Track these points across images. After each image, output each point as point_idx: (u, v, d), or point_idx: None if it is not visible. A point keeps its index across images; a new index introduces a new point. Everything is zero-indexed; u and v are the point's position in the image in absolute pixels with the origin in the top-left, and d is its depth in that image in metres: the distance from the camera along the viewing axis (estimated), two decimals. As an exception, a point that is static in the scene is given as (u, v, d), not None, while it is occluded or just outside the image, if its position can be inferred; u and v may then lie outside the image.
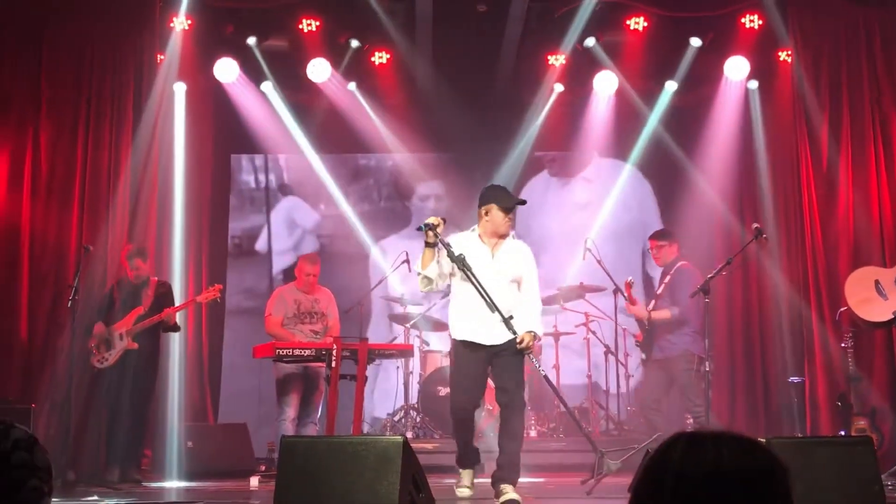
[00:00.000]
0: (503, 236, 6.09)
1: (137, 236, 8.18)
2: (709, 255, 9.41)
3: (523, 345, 5.90)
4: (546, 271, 10.40)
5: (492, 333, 5.94)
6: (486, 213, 6.06)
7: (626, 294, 7.72)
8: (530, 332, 5.97)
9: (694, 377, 7.30)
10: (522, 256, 6.19)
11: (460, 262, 5.85)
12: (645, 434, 8.90)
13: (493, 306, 5.78)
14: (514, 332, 5.85)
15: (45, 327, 8.07)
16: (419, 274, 5.98)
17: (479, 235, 6.06)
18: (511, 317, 5.87)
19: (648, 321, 7.60)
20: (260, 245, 11.04)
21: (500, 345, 5.96)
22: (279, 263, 10.99)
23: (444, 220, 5.95)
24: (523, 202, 6.21)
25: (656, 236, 7.93)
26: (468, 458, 6.15)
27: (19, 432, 2.03)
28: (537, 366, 6.18)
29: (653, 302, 7.77)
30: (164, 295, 7.96)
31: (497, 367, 6.03)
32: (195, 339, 9.54)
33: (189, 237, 9.42)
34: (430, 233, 5.83)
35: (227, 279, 10.63)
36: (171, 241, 9.03)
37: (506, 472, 5.92)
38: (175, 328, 8.02)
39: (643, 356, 7.80)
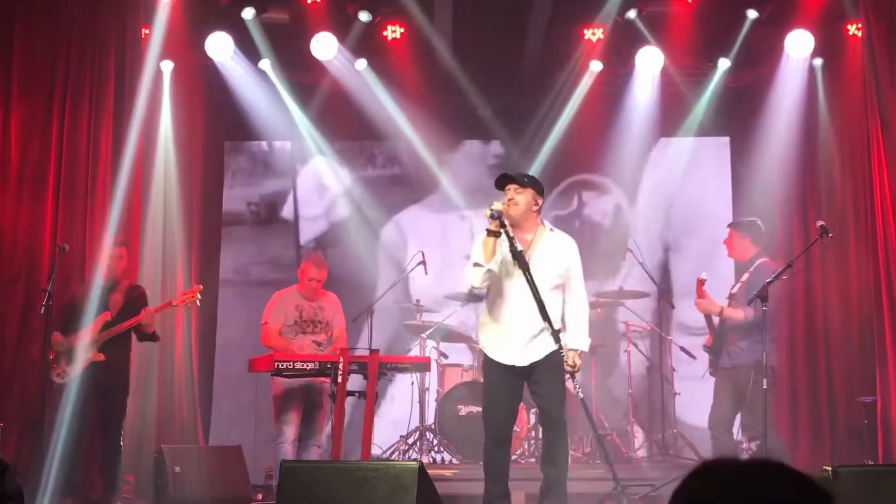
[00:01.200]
0: (517, 222, 6.00)
1: (119, 234, 8.18)
2: (770, 255, 9.34)
3: (574, 369, 5.94)
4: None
5: (530, 351, 5.93)
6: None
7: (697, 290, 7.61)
8: (577, 350, 5.97)
9: (762, 392, 7.24)
10: (566, 254, 6.10)
11: (521, 260, 5.81)
12: (695, 459, 8.91)
13: (546, 317, 5.76)
14: (561, 349, 5.86)
15: (15, 336, 8.07)
16: (478, 265, 5.88)
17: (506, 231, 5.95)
18: (559, 330, 5.85)
19: (720, 319, 7.51)
20: (286, 212, 11.06)
21: (539, 360, 5.94)
22: (308, 231, 11.00)
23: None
24: (505, 176, 6.09)
25: (739, 226, 7.84)
26: (498, 493, 6.04)
27: (11, 484, 2.04)
28: (577, 390, 6.14)
29: (726, 301, 7.67)
30: (136, 299, 7.84)
31: (536, 385, 6.02)
32: (184, 348, 9.50)
33: (178, 233, 9.39)
34: (498, 220, 5.79)
35: (219, 277, 10.65)
36: (156, 237, 9.02)
37: (552, 499, 5.96)
38: (153, 337, 7.91)
39: (710, 368, 7.72)
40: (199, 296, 7.88)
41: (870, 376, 8.55)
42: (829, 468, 4.60)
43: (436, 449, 9.08)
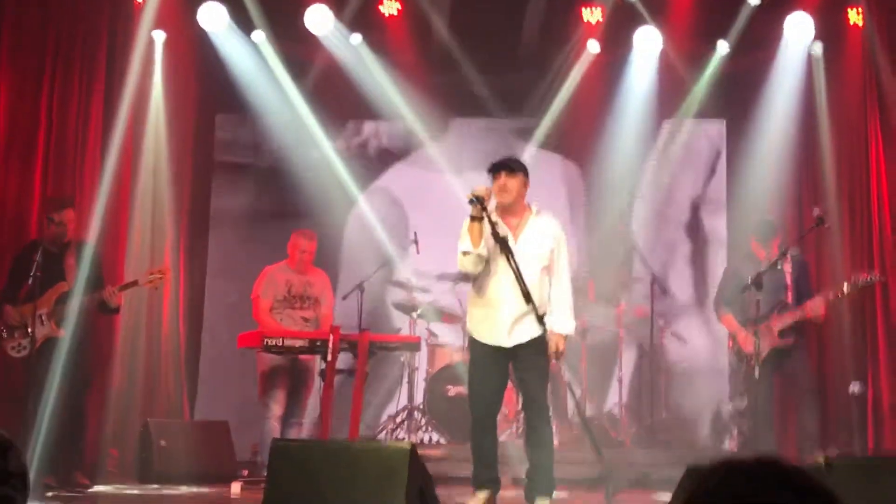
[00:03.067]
0: (509, 209, 6.05)
1: (109, 202, 8.14)
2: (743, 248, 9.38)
3: (557, 353, 5.99)
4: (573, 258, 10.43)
5: (515, 333, 5.98)
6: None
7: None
8: (561, 334, 6.02)
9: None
10: (552, 237, 6.15)
11: (503, 244, 5.85)
12: (683, 447, 8.98)
13: (529, 300, 5.79)
14: (545, 334, 5.90)
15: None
16: (467, 253, 5.92)
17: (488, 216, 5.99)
18: (544, 314, 5.89)
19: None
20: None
21: (523, 343, 5.98)
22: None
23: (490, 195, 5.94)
24: (500, 163, 6.12)
25: (773, 234, 7.78)
26: (487, 477, 6.09)
27: (14, 462, 2.02)
28: (564, 373, 6.19)
29: (779, 308, 7.59)
30: (91, 263, 7.53)
31: (520, 369, 6.10)
32: (171, 320, 9.47)
33: (167, 205, 9.35)
34: (479, 206, 5.83)
35: (208, 251, 10.61)
36: (145, 208, 8.99)
37: (539, 483, 6.01)
38: (116, 310, 7.67)
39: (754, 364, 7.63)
40: (164, 276, 7.71)
41: (861, 366, 8.60)
42: (823, 459, 4.62)
43: (424, 429, 9.11)
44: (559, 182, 10.86)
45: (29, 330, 7.22)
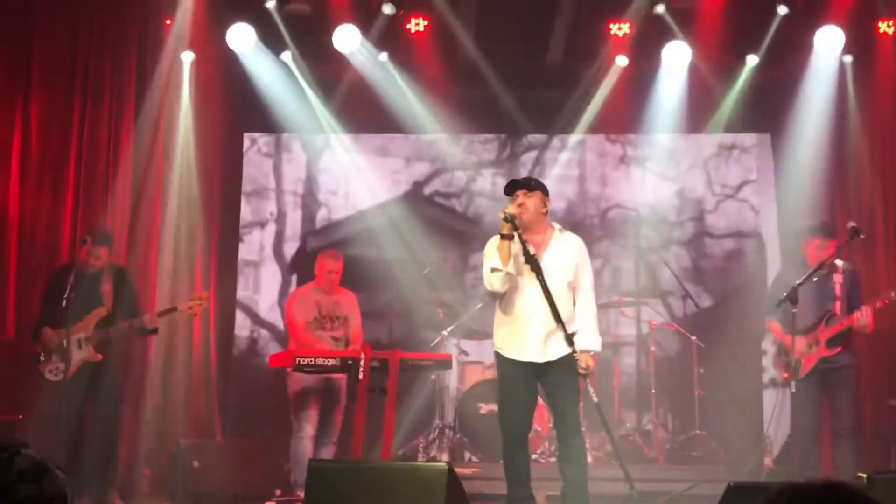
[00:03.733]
0: (528, 227, 6.04)
1: (141, 226, 8.19)
2: (795, 257, 9.31)
3: (587, 371, 5.98)
4: (615, 277, 10.42)
5: (545, 351, 5.99)
6: None
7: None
8: (589, 351, 6.04)
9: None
10: (576, 254, 6.18)
11: (534, 262, 5.89)
12: (718, 464, 8.91)
13: (559, 319, 5.82)
14: (574, 352, 5.90)
15: (28, 332, 8.09)
16: (496, 270, 5.94)
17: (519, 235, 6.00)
18: (574, 333, 5.90)
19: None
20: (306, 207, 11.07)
21: (554, 360, 6.00)
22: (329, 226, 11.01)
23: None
24: (514, 182, 6.16)
25: (831, 234, 7.66)
26: (521, 495, 6.07)
27: (26, 461, 2.01)
28: (592, 394, 6.14)
29: (827, 318, 7.46)
30: (126, 287, 7.66)
31: (550, 385, 6.11)
32: (202, 341, 9.51)
33: (197, 223, 9.39)
34: (511, 224, 5.85)
35: (237, 270, 10.68)
36: (175, 230, 9.03)
37: (574, 499, 6.00)
38: (154, 331, 7.78)
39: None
40: (203, 303, 7.77)
41: (897, 380, 8.53)
42: (864, 475, 4.58)
43: (456, 447, 9.08)
44: (601, 202, 10.85)
45: (68, 355, 7.27)
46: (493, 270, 5.96)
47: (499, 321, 6.20)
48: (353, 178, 10.83)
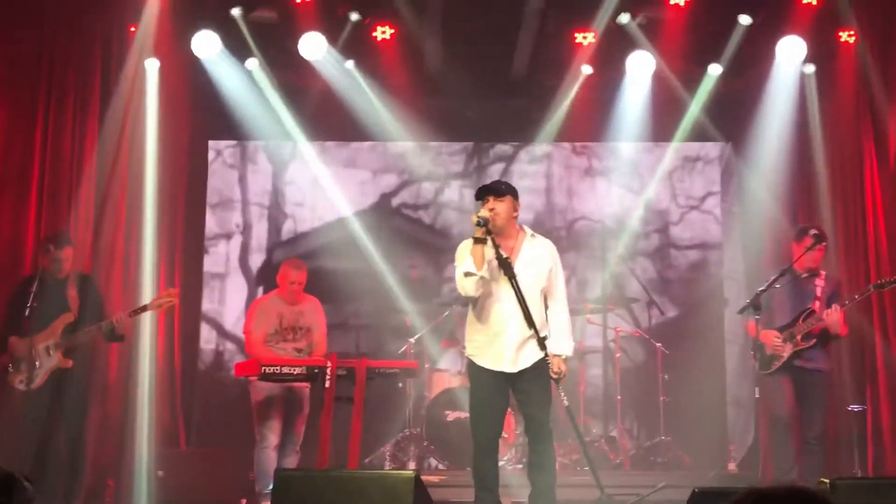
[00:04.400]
0: (501, 231, 6.05)
1: (104, 235, 8.14)
2: (757, 264, 9.41)
3: (560, 376, 6.02)
4: (582, 289, 10.48)
5: (520, 358, 6.01)
6: None
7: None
8: (561, 356, 6.07)
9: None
10: (548, 259, 6.19)
11: (507, 267, 5.90)
12: (683, 469, 8.97)
13: (532, 325, 5.86)
14: (547, 356, 5.95)
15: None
16: (469, 274, 5.93)
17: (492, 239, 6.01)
18: (545, 337, 5.93)
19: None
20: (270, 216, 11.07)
21: (527, 367, 6.03)
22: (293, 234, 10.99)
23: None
24: (485, 188, 6.17)
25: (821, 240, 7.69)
26: (490, 501, 6.08)
27: None
28: (563, 397, 6.18)
29: (806, 315, 7.52)
30: (92, 293, 7.64)
31: (522, 392, 6.11)
32: (167, 349, 9.45)
33: (161, 233, 9.34)
34: (484, 228, 5.87)
35: (202, 280, 10.64)
36: (140, 238, 8.97)
37: None
38: (121, 337, 7.74)
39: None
40: (173, 299, 7.73)
41: (860, 386, 8.61)
42: (827, 481, 4.63)
43: (423, 455, 9.08)
44: (568, 213, 10.91)
45: (36, 363, 7.24)
46: (466, 274, 5.95)
47: (472, 328, 6.19)
48: (320, 189, 10.80)
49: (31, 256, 8.08)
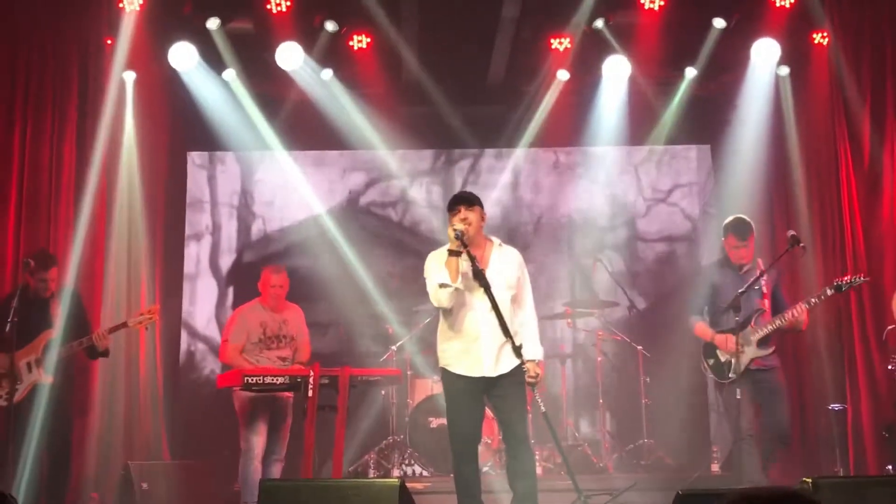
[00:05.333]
0: (473, 241, 6.06)
1: (84, 248, 8.11)
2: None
3: (535, 380, 6.06)
4: (551, 285, 10.52)
5: (496, 365, 6.03)
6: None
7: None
8: (534, 360, 6.10)
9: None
10: (517, 269, 6.24)
11: (482, 277, 5.91)
12: (666, 472, 9.00)
13: (507, 333, 5.88)
14: (523, 363, 5.98)
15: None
16: (444, 286, 5.95)
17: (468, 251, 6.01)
18: (521, 345, 5.95)
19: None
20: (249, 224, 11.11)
21: (504, 373, 6.05)
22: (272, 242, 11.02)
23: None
24: (458, 197, 6.19)
25: (750, 231, 7.61)
26: None
27: None
28: (539, 403, 6.21)
29: (757, 316, 7.39)
30: (76, 310, 7.60)
31: (498, 398, 6.12)
32: (148, 361, 9.41)
33: (142, 245, 9.31)
34: (461, 241, 5.88)
35: (182, 290, 10.63)
36: (120, 250, 8.94)
37: None
38: (105, 353, 7.66)
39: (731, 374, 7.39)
40: (153, 316, 7.69)
41: (839, 385, 8.66)
42: (809, 480, 4.66)
43: (406, 462, 9.08)
44: (535, 208, 10.96)
45: (18, 379, 7.19)
46: (441, 286, 5.97)
47: (445, 337, 6.20)
48: (289, 189, 10.85)
49: (10, 270, 8.04)
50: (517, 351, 5.95)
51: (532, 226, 10.86)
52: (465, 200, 6.13)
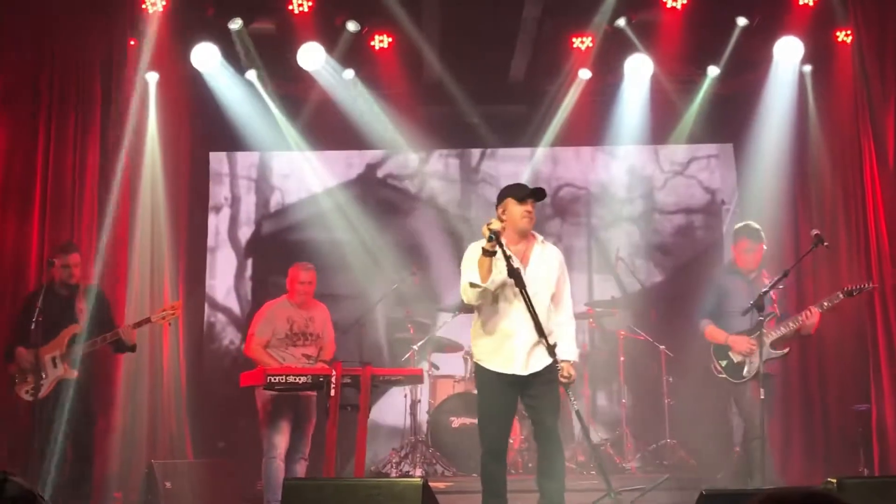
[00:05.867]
0: (525, 235, 6.08)
1: (108, 247, 8.16)
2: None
3: (569, 381, 6.03)
4: (569, 256, 10.54)
5: (531, 362, 6.00)
6: (504, 212, 6.08)
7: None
8: (569, 361, 6.07)
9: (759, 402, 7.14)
10: (558, 268, 6.19)
11: (518, 277, 5.86)
12: (689, 472, 8.96)
13: (541, 332, 5.84)
14: (556, 363, 5.95)
15: (1, 353, 8.02)
16: (475, 285, 5.91)
17: (505, 245, 5.97)
18: (555, 344, 5.92)
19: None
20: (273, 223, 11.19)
21: (537, 372, 6.02)
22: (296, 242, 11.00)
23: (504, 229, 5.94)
24: (541, 191, 6.16)
25: (760, 238, 7.63)
26: None
27: (15, 488, 1.97)
28: (572, 401, 6.17)
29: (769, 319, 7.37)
30: (101, 305, 7.71)
31: (531, 398, 6.09)
32: (171, 360, 9.45)
33: (165, 245, 9.36)
34: (495, 241, 5.79)
35: (205, 288, 10.68)
36: (143, 249, 8.98)
37: None
38: (132, 348, 7.75)
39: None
40: (175, 312, 7.79)
41: (863, 385, 8.60)
42: (834, 480, 4.63)
43: (429, 461, 9.08)
44: (553, 181, 10.97)
45: (42, 374, 7.29)
46: (472, 285, 5.93)
47: (480, 333, 6.16)
48: (307, 161, 10.88)
49: (35, 270, 8.09)
50: (551, 350, 5.90)
51: (550, 197, 10.88)
52: (537, 194, 6.11)
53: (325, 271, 9.36)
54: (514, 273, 5.84)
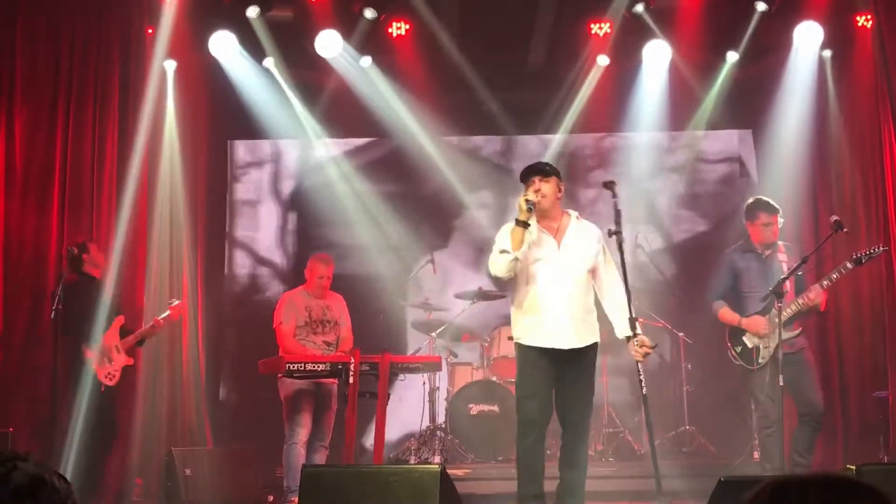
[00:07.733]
0: (547, 213, 6.01)
1: (127, 237, 8.23)
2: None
3: (646, 358, 5.88)
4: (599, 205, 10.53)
5: (568, 338, 5.90)
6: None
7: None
8: (632, 335, 5.88)
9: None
10: (595, 244, 6.06)
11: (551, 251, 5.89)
12: (708, 458, 8.96)
13: (579, 306, 5.87)
14: (635, 336, 5.84)
15: (22, 341, 8.09)
16: (505, 252, 5.84)
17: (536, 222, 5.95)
18: (636, 318, 5.89)
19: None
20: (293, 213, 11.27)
21: (578, 349, 5.93)
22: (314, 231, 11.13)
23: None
24: (536, 167, 6.09)
25: (776, 209, 7.53)
26: (533, 492, 5.88)
27: (21, 476, 1.91)
28: (642, 381, 5.91)
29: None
30: (117, 296, 8.04)
31: (567, 379, 5.98)
32: (191, 348, 9.51)
33: (184, 234, 9.40)
34: (530, 211, 5.78)
35: (224, 278, 10.74)
36: (162, 238, 9.03)
37: (570, 502, 5.92)
38: (139, 343, 8.09)
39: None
40: (173, 314, 8.07)
41: (882, 372, 8.59)
42: (853, 467, 4.64)
43: (447, 449, 9.11)
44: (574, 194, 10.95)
45: (110, 361, 7.76)
46: (502, 252, 5.87)
47: (519, 312, 6.06)
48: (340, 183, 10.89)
49: (54, 262, 8.16)
50: (632, 324, 5.80)
51: (591, 148, 10.86)
52: (539, 171, 6.03)
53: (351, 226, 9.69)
54: (546, 246, 5.87)
